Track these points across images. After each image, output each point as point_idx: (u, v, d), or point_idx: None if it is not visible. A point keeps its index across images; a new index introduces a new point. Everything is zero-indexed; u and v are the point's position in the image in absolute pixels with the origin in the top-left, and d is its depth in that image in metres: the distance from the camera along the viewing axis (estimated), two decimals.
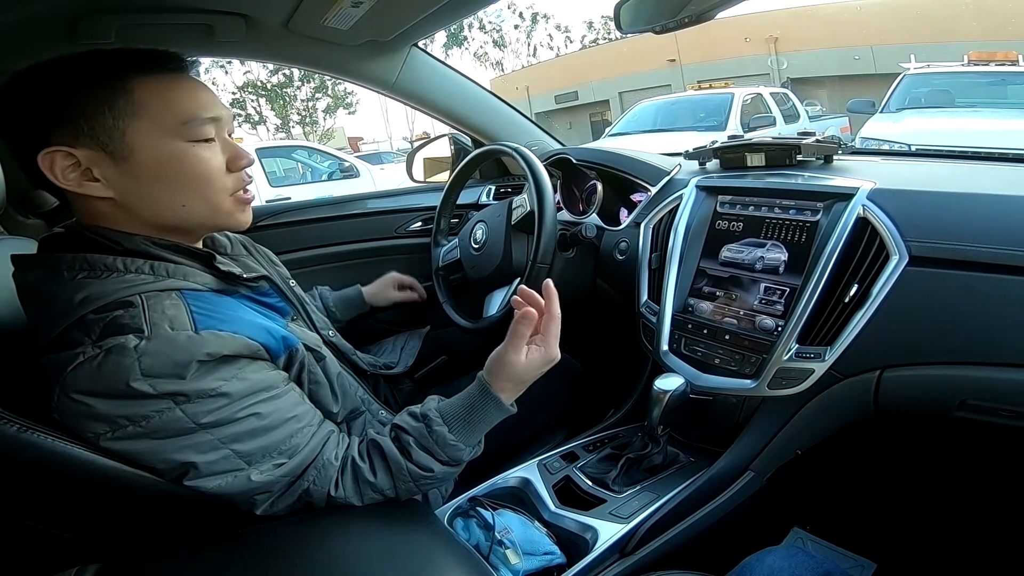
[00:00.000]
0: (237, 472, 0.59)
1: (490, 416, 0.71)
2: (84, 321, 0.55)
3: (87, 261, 0.58)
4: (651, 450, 0.93)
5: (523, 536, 0.81)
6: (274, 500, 0.63)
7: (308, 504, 0.65)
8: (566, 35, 28.01)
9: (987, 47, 5.43)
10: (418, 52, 1.42)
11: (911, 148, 3.24)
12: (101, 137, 0.58)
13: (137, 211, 0.62)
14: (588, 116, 19.68)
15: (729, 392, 0.91)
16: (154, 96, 0.60)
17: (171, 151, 0.61)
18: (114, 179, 0.59)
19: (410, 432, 0.69)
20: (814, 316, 0.82)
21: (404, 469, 0.67)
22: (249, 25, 1.11)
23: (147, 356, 0.53)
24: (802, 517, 1.13)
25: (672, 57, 16.72)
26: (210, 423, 0.56)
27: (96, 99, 0.58)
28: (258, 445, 0.59)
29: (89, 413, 0.54)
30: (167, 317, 0.56)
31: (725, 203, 0.99)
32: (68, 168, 0.58)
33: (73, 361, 0.53)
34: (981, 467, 1.02)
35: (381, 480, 0.67)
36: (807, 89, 11.81)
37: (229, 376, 0.57)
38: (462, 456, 0.70)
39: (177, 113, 0.61)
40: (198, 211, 0.64)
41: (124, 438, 0.54)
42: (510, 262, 1.13)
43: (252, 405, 0.59)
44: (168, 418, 0.54)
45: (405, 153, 1.76)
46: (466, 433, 0.70)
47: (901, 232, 0.77)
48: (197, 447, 0.56)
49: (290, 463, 0.62)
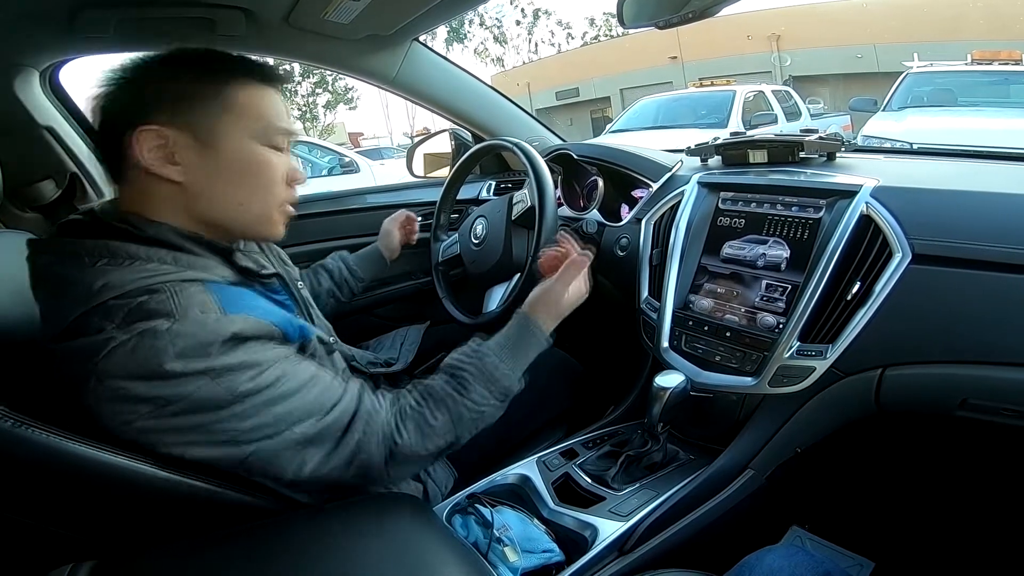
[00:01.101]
0: (277, 436, 0.60)
1: (533, 346, 0.79)
2: (105, 307, 0.55)
3: (108, 248, 0.59)
4: (651, 448, 0.93)
5: (522, 534, 0.81)
6: (326, 455, 0.63)
7: (364, 471, 0.66)
8: (567, 31, 27.94)
9: (993, 46, 5.42)
10: (419, 47, 1.41)
11: (913, 147, 3.23)
12: (197, 123, 0.63)
13: (197, 200, 0.64)
14: (589, 113, 19.63)
15: (730, 389, 0.90)
16: (250, 98, 0.66)
17: (250, 150, 0.66)
18: (192, 165, 0.63)
19: (464, 367, 0.74)
20: (816, 314, 0.81)
21: (461, 406, 0.71)
22: (249, 19, 1.11)
23: (180, 338, 0.54)
24: (801, 516, 1.13)
25: (674, 54, 16.67)
26: (246, 392, 0.57)
27: (203, 89, 0.63)
28: (295, 405, 0.61)
29: (127, 396, 0.54)
30: (195, 302, 0.57)
31: (727, 200, 0.99)
32: (155, 148, 0.61)
33: (104, 347, 0.53)
34: (981, 467, 1.02)
35: (442, 422, 0.70)
36: (809, 87, 11.80)
37: (256, 349, 0.60)
38: (512, 387, 0.76)
39: (264, 118, 0.67)
40: (251, 212, 0.68)
41: (166, 416, 0.55)
42: (510, 257, 1.13)
43: (281, 371, 0.61)
44: (206, 393, 0.56)
45: (405, 148, 1.75)
46: (513, 364, 0.76)
47: (904, 230, 0.77)
48: (239, 416, 0.58)
49: (331, 416, 0.63)
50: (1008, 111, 4.33)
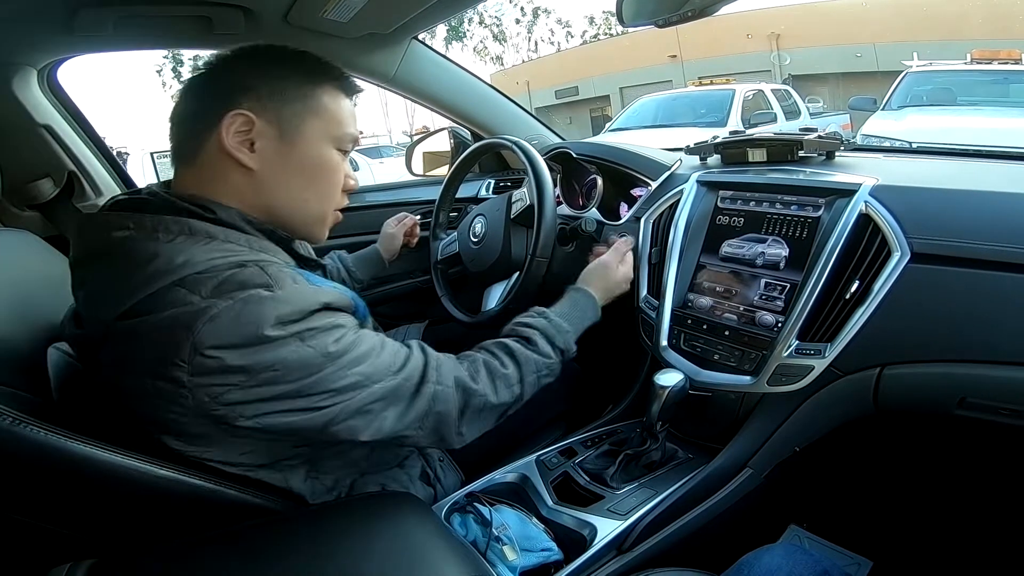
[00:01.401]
0: (365, 390, 0.63)
1: (588, 312, 0.91)
2: (191, 279, 0.56)
3: (189, 227, 0.60)
4: (649, 446, 0.93)
5: (521, 532, 0.81)
6: (404, 409, 0.66)
7: (438, 425, 0.70)
8: (567, 30, 27.89)
9: (994, 45, 5.41)
10: (418, 45, 1.41)
11: (912, 146, 3.23)
12: (284, 116, 0.66)
13: (266, 189, 0.67)
14: (588, 111, 19.61)
15: (728, 388, 0.90)
16: (333, 103, 0.70)
17: (324, 152, 0.70)
18: (269, 155, 0.66)
19: (532, 324, 0.83)
20: (815, 312, 0.81)
21: (530, 358, 0.79)
22: (248, 18, 1.11)
23: (283, 303, 0.57)
24: (799, 515, 1.13)
25: (673, 53, 16.65)
26: (335, 353, 0.60)
27: (296, 87, 0.67)
28: (374, 364, 0.64)
29: (223, 367, 0.55)
30: (286, 274, 0.60)
31: (726, 198, 0.98)
32: (240, 132, 0.64)
33: (204, 315, 0.54)
34: (979, 466, 1.02)
35: (512, 372, 0.77)
36: (809, 86, 11.80)
37: (337, 316, 0.63)
38: (571, 346, 0.85)
39: (341, 123, 0.70)
40: (312, 210, 0.71)
41: (259, 385, 0.56)
42: (509, 256, 1.13)
43: (358, 334, 0.64)
44: (299, 356, 0.57)
45: (405, 147, 1.75)
46: (573, 325, 0.86)
47: (903, 229, 0.76)
48: (328, 378, 0.60)
49: (405, 370, 0.67)
50: (1008, 110, 4.33)
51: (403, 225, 1.32)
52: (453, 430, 0.71)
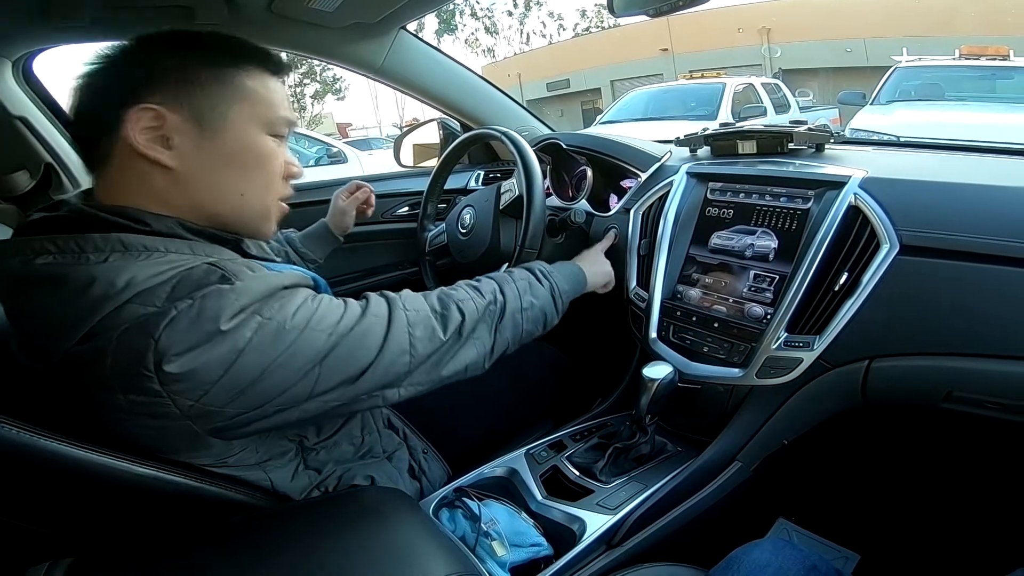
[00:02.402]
0: (339, 343, 0.59)
1: (574, 277, 0.92)
2: (141, 294, 0.52)
3: (121, 242, 0.55)
4: (639, 439, 0.93)
5: (510, 527, 0.80)
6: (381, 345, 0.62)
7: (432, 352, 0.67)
8: (559, 23, 27.93)
9: (985, 41, 5.45)
10: (406, 35, 1.39)
11: (899, 139, 3.25)
12: (202, 107, 0.60)
13: (193, 188, 0.61)
14: (580, 104, 19.61)
15: (717, 381, 0.90)
16: (259, 85, 0.64)
17: (256, 139, 0.64)
18: (188, 150, 0.60)
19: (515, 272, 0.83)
20: (803, 304, 0.81)
21: (508, 274, 0.80)
22: (230, 7, 1.08)
23: (244, 294, 0.54)
24: (788, 508, 1.13)
25: (665, 46, 16.65)
26: (298, 320, 0.57)
27: (211, 72, 0.61)
28: (340, 319, 0.60)
29: (191, 370, 0.51)
30: (241, 264, 0.57)
31: (716, 190, 0.98)
32: (148, 129, 0.58)
33: (163, 319, 0.50)
34: (965, 460, 1.03)
35: (486, 284, 0.77)
36: (799, 80, 11.83)
37: (296, 290, 0.60)
38: (556, 277, 0.86)
39: (270, 106, 0.64)
40: (251, 204, 0.66)
41: (237, 372, 0.53)
42: (498, 247, 1.12)
43: (317, 298, 0.60)
44: (263, 331, 0.54)
45: (394, 140, 1.73)
46: (557, 275, 0.86)
47: (892, 221, 0.76)
48: (298, 344, 0.56)
49: (369, 310, 0.64)
50: (993, 106, 4.36)
51: (354, 199, 1.20)
52: (449, 352, 0.69)
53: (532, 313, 0.79)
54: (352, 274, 1.47)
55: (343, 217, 1.19)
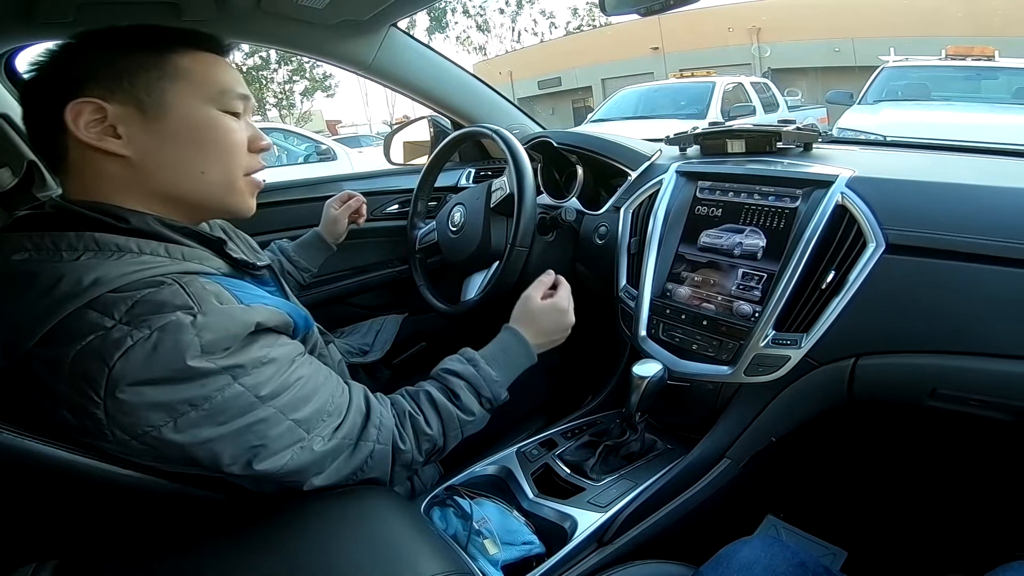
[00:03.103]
0: (302, 443, 0.59)
1: (520, 358, 0.83)
2: (101, 301, 0.51)
3: (95, 241, 0.55)
4: (629, 437, 0.93)
5: (501, 525, 0.80)
6: (344, 461, 0.63)
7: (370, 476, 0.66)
8: (550, 21, 27.77)
9: (971, 42, 5.52)
10: (397, 32, 1.39)
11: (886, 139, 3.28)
12: (139, 93, 0.59)
13: (151, 173, 0.61)
14: (571, 102, 19.62)
15: (706, 378, 0.91)
16: (198, 65, 0.63)
17: (204, 115, 0.63)
18: (138, 137, 0.59)
19: (460, 374, 0.76)
20: (791, 302, 0.82)
21: (453, 416, 0.73)
22: (219, 3, 1.07)
23: (207, 331, 0.51)
24: (776, 505, 1.14)
25: (655, 45, 16.68)
26: (269, 394, 0.55)
27: (143, 60, 0.60)
28: (311, 410, 0.60)
29: (145, 403, 0.50)
30: (210, 292, 0.54)
31: (705, 188, 0.99)
32: (93, 122, 0.58)
33: (120, 347, 0.49)
34: (951, 457, 1.04)
35: (435, 429, 0.72)
36: (787, 80, 11.89)
37: (271, 344, 0.58)
38: (501, 395, 0.78)
39: (216, 82, 0.63)
40: (215, 182, 0.64)
41: (188, 427, 0.52)
42: (488, 245, 1.12)
43: (296, 369, 0.59)
44: (230, 395, 0.53)
45: (384, 137, 1.73)
46: (504, 374, 0.79)
47: (878, 220, 0.77)
48: (264, 422, 0.56)
49: (346, 424, 0.63)
50: (978, 106, 4.42)
51: (347, 207, 1.21)
52: (386, 481, 0.69)
53: (466, 434, 0.77)
54: (342, 272, 1.46)
55: (335, 225, 1.20)
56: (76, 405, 0.50)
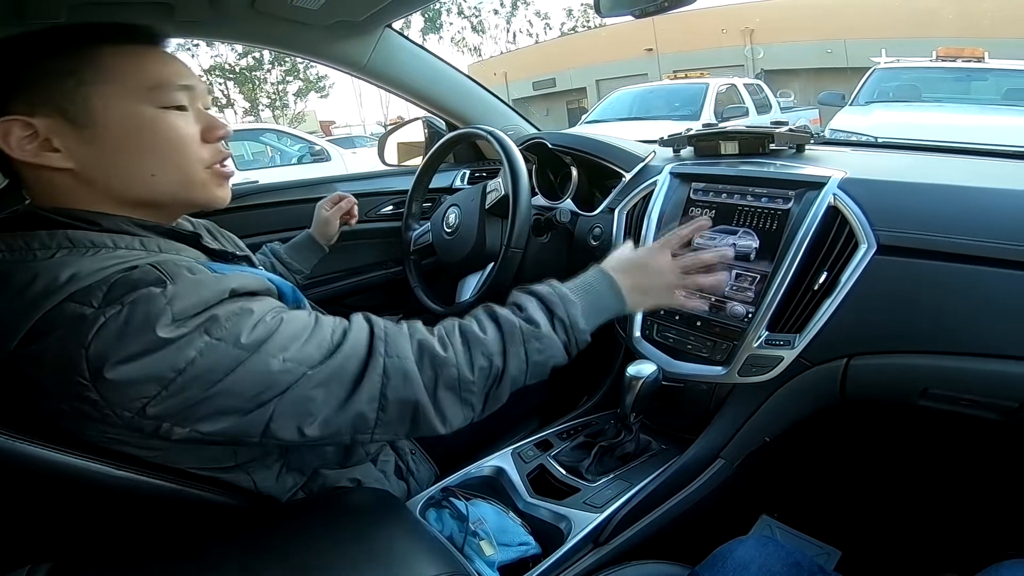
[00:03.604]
0: (300, 380, 0.54)
1: (606, 298, 0.71)
2: (80, 291, 0.50)
3: (68, 238, 0.54)
4: (624, 438, 0.93)
5: (498, 526, 0.81)
6: (351, 392, 0.56)
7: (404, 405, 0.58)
8: (545, 22, 27.94)
9: (961, 43, 5.56)
10: (391, 33, 1.38)
11: (877, 140, 3.31)
12: (62, 103, 0.56)
13: (101, 183, 0.58)
14: (565, 103, 19.66)
15: (700, 379, 0.91)
16: (123, 62, 0.58)
17: (139, 116, 0.58)
18: (75, 148, 0.57)
19: (532, 289, 0.68)
20: (784, 303, 0.82)
21: (515, 325, 0.64)
22: (212, 4, 1.06)
23: (177, 299, 0.50)
24: (771, 504, 1.15)
25: (649, 46, 16.75)
26: (252, 342, 0.52)
27: (59, 66, 0.56)
28: (306, 346, 0.55)
29: (132, 379, 0.48)
30: (182, 267, 0.53)
31: (698, 190, 0.99)
32: (25, 139, 0.55)
33: (92, 327, 0.48)
34: (943, 456, 1.05)
35: (491, 336, 0.63)
36: (780, 81, 12.00)
37: (250, 302, 0.55)
38: (579, 321, 0.67)
39: (146, 78, 0.59)
40: (169, 182, 0.61)
41: (180, 392, 0.50)
42: (483, 246, 1.12)
43: (278, 315, 0.56)
44: (210, 353, 0.50)
45: (379, 138, 1.72)
46: (585, 302, 0.69)
47: (870, 221, 0.78)
48: (250, 372, 0.52)
49: (346, 344, 0.57)
50: (968, 107, 4.47)
51: (339, 209, 1.18)
52: (430, 413, 0.59)
53: (537, 369, 0.66)
54: (336, 273, 1.46)
55: (327, 227, 1.18)
56: (69, 394, 0.50)
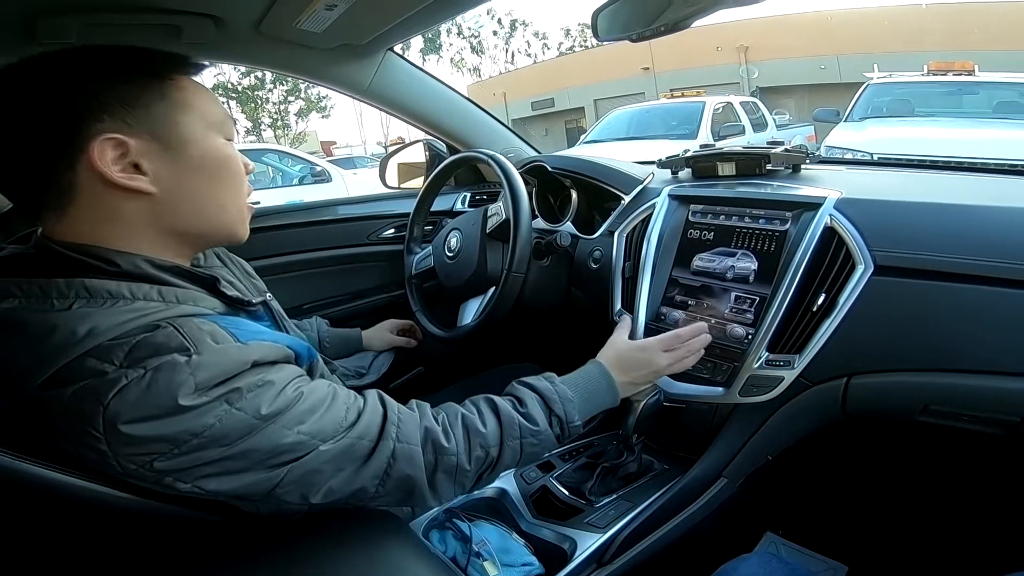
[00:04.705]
0: (311, 452, 0.56)
1: (601, 392, 0.77)
2: (99, 349, 0.50)
3: (85, 288, 0.53)
4: (626, 458, 0.94)
5: (501, 547, 0.81)
6: (358, 468, 0.59)
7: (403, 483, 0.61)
8: (543, 42, 28.21)
9: (951, 57, 5.65)
10: (393, 56, 1.41)
11: (873, 157, 3.35)
12: (155, 127, 0.57)
13: (173, 210, 0.59)
14: (564, 123, 19.82)
15: (701, 400, 0.91)
16: (201, 93, 0.61)
17: (216, 145, 0.61)
18: (162, 172, 0.57)
19: (531, 385, 0.72)
20: (783, 324, 0.83)
21: (514, 421, 0.68)
22: (219, 27, 1.08)
23: (201, 369, 0.50)
24: (775, 522, 1.15)
25: (646, 65, 16.97)
26: (270, 414, 0.53)
27: (152, 88, 0.57)
28: (321, 420, 0.57)
29: (145, 437, 0.49)
30: (205, 333, 0.53)
31: (697, 212, 1.00)
32: (117, 159, 0.55)
33: (113, 387, 0.48)
34: (946, 470, 1.05)
35: (490, 430, 0.66)
36: (775, 98, 12.13)
37: (271, 372, 0.56)
38: (575, 418, 0.72)
39: (217, 111, 0.62)
40: (230, 212, 0.64)
41: (188, 452, 0.50)
42: (485, 271, 1.13)
43: (298, 388, 0.57)
44: (228, 422, 0.51)
45: (379, 158, 1.74)
46: (580, 398, 0.74)
47: (866, 241, 0.79)
48: (265, 441, 0.53)
49: (359, 425, 0.59)
50: (961, 121, 4.53)
51: (406, 341, 1.22)
52: (425, 491, 0.63)
53: (529, 459, 0.72)
54: (338, 296, 1.46)
55: (380, 342, 1.20)
56: (78, 440, 0.50)
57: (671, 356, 0.83)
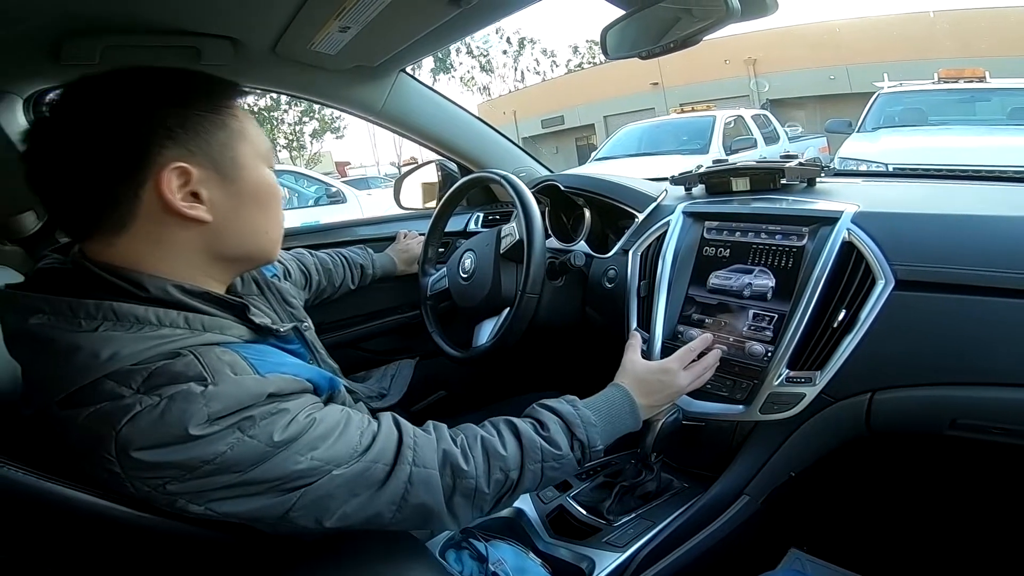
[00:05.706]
0: (324, 477, 0.55)
1: (624, 415, 0.77)
2: (118, 373, 0.51)
3: (113, 311, 0.53)
4: (645, 477, 0.93)
5: (517, 567, 0.80)
6: (374, 493, 0.58)
7: (420, 509, 0.61)
8: (552, 59, 28.48)
9: (960, 63, 5.61)
10: (406, 78, 1.43)
11: (889, 168, 3.32)
12: (215, 155, 0.58)
13: (224, 239, 0.60)
14: (574, 140, 19.93)
15: (721, 418, 0.90)
16: (250, 122, 0.62)
17: (265, 175, 0.63)
18: (220, 201, 0.58)
19: (553, 408, 0.72)
20: (803, 341, 0.81)
21: (536, 444, 0.67)
22: (236, 48, 1.11)
23: (215, 400, 0.51)
24: (799, 538, 1.12)
25: (655, 80, 17.06)
26: (283, 441, 0.53)
27: (212, 116, 0.58)
28: (335, 445, 0.57)
29: (157, 462, 0.50)
30: (225, 363, 0.53)
31: (712, 229, 0.99)
32: (179, 187, 0.55)
33: (127, 412, 0.49)
34: (976, 483, 1.02)
35: (510, 453, 0.66)
36: (786, 110, 12.12)
37: (285, 402, 0.56)
38: (597, 443, 0.71)
39: (264, 140, 0.64)
40: (272, 238, 0.65)
41: (201, 477, 0.51)
42: (499, 292, 1.13)
43: (310, 415, 0.57)
44: (241, 449, 0.51)
45: (392, 178, 1.76)
46: (603, 422, 0.73)
47: (886, 256, 0.77)
48: (278, 467, 0.53)
49: (374, 449, 0.59)
50: (975, 128, 4.48)
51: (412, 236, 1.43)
52: (443, 515, 0.62)
53: (550, 482, 0.72)
54: (353, 317, 1.47)
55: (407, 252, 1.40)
56: (91, 461, 0.51)
57: (690, 374, 0.83)
